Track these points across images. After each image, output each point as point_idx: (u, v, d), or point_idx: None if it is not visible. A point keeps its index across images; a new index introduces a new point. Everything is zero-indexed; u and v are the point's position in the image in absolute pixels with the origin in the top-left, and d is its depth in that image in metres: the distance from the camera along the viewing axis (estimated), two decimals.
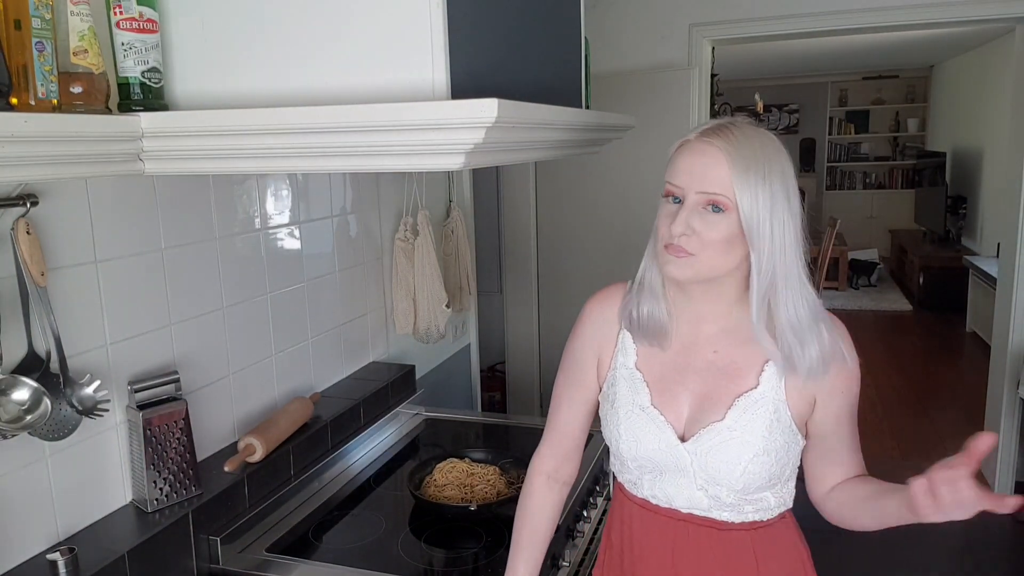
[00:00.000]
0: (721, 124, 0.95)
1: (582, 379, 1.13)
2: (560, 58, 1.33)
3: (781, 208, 0.93)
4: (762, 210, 0.91)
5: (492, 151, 0.91)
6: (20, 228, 0.98)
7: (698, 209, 0.93)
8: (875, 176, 8.69)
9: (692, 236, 0.93)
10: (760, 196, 0.91)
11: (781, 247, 0.93)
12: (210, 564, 1.26)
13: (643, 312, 1.04)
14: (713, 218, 0.93)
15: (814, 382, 0.98)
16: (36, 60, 0.82)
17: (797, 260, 0.95)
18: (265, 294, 1.54)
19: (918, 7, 2.91)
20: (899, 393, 4.46)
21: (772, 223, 0.92)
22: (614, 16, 3.29)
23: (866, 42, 5.72)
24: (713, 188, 0.92)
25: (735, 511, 1.03)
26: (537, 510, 1.15)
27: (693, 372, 1.03)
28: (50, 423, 1.02)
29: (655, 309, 1.04)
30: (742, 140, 0.93)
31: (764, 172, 0.92)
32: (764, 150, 0.93)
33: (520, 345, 3.66)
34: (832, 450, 1.04)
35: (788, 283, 0.95)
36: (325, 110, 0.88)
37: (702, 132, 0.95)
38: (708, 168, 0.92)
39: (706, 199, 0.93)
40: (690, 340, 1.04)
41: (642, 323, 1.05)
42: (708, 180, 0.92)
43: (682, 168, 0.95)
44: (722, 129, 0.94)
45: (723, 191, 0.91)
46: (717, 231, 0.93)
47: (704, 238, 0.93)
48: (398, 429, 1.86)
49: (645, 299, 1.04)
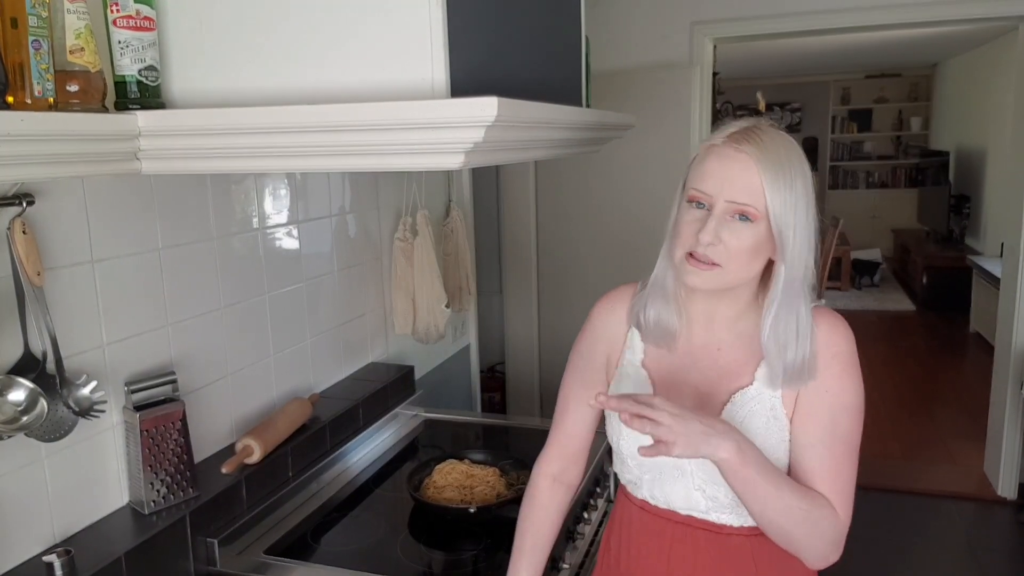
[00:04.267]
0: (748, 129, 0.93)
1: (591, 379, 1.12)
2: (560, 56, 1.32)
3: (803, 214, 0.92)
4: (789, 218, 0.91)
5: (492, 150, 0.90)
6: (16, 228, 0.97)
7: (726, 218, 0.92)
8: (878, 175, 8.67)
9: (719, 245, 0.92)
10: (788, 205, 0.91)
11: (802, 253, 0.93)
12: (208, 566, 1.25)
13: (650, 316, 1.04)
14: (739, 227, 0.91)
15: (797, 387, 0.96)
16: (32, 58, 0.82)
17: (811, 269, 0.95)
18: (263, 294, 1.54)
19: (921, 5, 2.90)
20: (902, 393, 4.45)
21: (797, 231, 0.92)
22: (615, 14, 3.28)
23: (869, 40, 5.70)
24: (744, 198, 0.90)
25: (734, 513, 1.02)
26: (541, 513, 1.15)
27: (697, 372, 1.03)
28: (46, 424, 1.02)
29: (664, 313, 1.03)
30: (770, 146, 0.91)
31: (791, 179, 0.91)
32: (789, 156, 0.92)
33: (520, 345, 3.65)
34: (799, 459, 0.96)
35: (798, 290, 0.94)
36: (323, 109, 0.87)
37: (730, 137, 0.93)
38: (738, 176, 0.91)
39: (736, 208, 0.91)
40: (699, 342, 1.04)
41: (651, 326, 1.04)
42: (739, 189, 0.91)
43: (711, 174, 0.93)
44: (751, 134, 0.92)
45: (754, 201, 0.90)
46: (744, 241, 0.91)
47: (731, 248, 0.92)
48: (397, 430, 1.85)
49: (655, 301, 1.03)
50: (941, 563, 2.75)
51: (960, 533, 2.94)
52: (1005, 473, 3.16)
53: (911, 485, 3.29)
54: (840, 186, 8.75)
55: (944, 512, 3.09)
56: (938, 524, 3.01)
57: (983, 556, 2.77)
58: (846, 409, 0.96)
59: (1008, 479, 3.16)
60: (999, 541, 2.89)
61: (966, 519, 3.04)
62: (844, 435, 0.96)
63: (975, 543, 2.86)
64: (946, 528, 2.98)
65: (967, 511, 3.09)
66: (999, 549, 2.83)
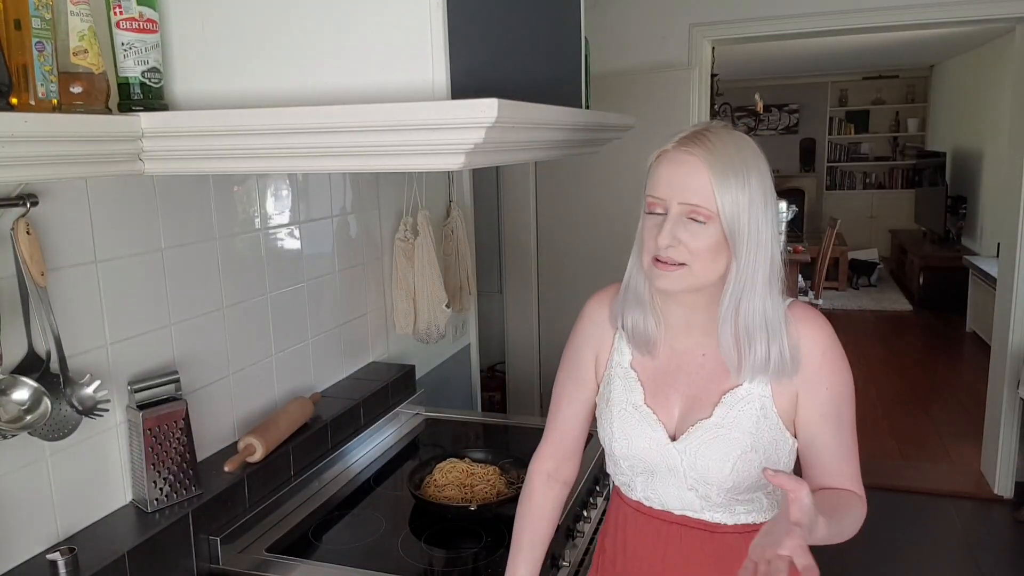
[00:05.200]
0: (697, 131, 0.95)
1: (582, 377, 1.13)
2: (560, 58, 1.33)
3: (759, 213, 0.93)
4: (742, 216, 0.92)
5: (492, 151, 0.91)
6: (20, 228, 0.98)
7: (682, 219, 0.93)
8: (875, 176, 8.68)
9: (679, 246, 0.93)
10: (740, 203, 0.92)
11: (757, 251, 0.94)
12: (210, 564, 1.26)
13: (628, 323, 1.05)
14: (696, 228, 0.93)
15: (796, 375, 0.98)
16: (36, 60, 0.82)
17: (768, 262, 0.95)
18: (265, 294, 1.54)
19: (918, 7, 2.91)
20: (899, 393, 4.46)
21: (750, 229, 0.93)
22: (614, 16, 3.29)
23: (866, 42, 5.71)
24: (694, 199, 0.92)
25: (727, 512, 1.03)
26: (537, 510, 1.15)
27: (684, 374, 1.04)
28: (50, 423, 1.02)
29: (641, 321, 1.04)
30: (719, 147, 0.92)
31: (743, 178, 0.92)
32: (741, 154, 0.93)
33: (520, 345, 3.65)
34: (817, 455, 1.00)
35: (756, 285, 0.95)
36: (325, 110, 0.88)
37: (679, 141, 0.95)
38: (688, 178, 0.92)
39: (688, 210, 0.93)
40: (681, 345, 1.05)
41: (630, 334, 1.06)
42: (689, 191, 0.92)
43: (662, 179, 0.95)
44: (699, 137, 0.94)
45: (704, 202, 0.92)
46: (702, 240, 0.93)
47: (691, 247, 0.93)
48: (398, 429, 1.86)
49: (631, 309, 1.04)
50: (938, 562, 2.76)
51: (957, 532, 2.95)
52: (1002, 472, 3.17)
53: (908, 484, 3.30)
54: (837, 187, 8.77)
55: (941, 511, 3.10)
56: (935, 523, 3.02)
57: (980, 554, 2.78)
58: (846, 398, 1.00)
59: (1005, 478, 3.17)
60: (996, 539, 2.90)
61: (963, 518, 3.05)
62: (848, 421, 1.00)
63: (972, 542, 2.87)
64: (943, 527, 2.99)
65: (964, 510, 3.10)
66: (996, 547, 2.84)
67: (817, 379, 0.99)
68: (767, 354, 0.96)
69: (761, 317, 0.95)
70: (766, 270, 0.95)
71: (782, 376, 0.97)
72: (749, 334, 0.96)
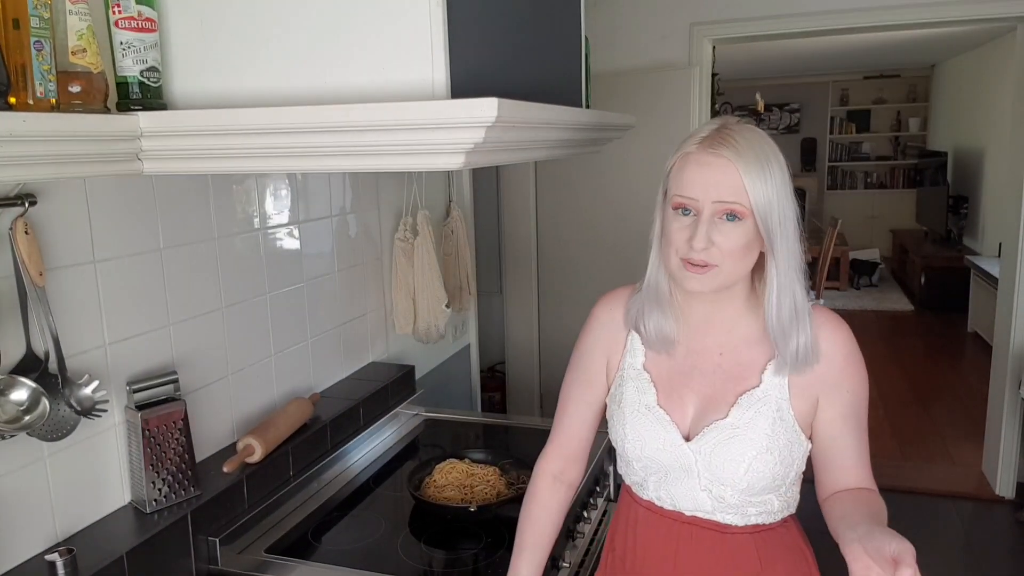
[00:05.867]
0: (719, 131, 0.95)
1: (591, 380, 1.13)
2: (560, 57, 1.33)
3: (785, 203, 0.95)
4: (774, 209, 0.93)
5: (492, 151, 0.91)
6: (18, 228, 0.98)
7: (714, 220, 0.94)
8: (876, 176, 8.67)
9: (712, 248, 0.94)
10: (770, 196, 0.93)
11: (788, 241, 0.96)
12: (209, 565, 1.25)
13: (649, 324, 1.05)
14: (728, 227, 0.94)
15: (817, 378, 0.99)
16: (34, 59, 0.82)
17: (798, 253, 0.97)
18: (264, 294, 1.54)
19: (919, 6, 2.90)
20: (900, 393, 4.46)
21: (782, 221, 0.94)
22: (614, 15, 3.29)
23: (867, 41, 5.71)
24: (729, 197, 0.93)
25: (739, 514, 1.02)
26: (542, 512, 1.15)
27: (699, 375, 1.04)
28: (48, 423, 1.02)
29: (662, 321, 1.04)
30: (744, 144, 0.93)
31: (769, 172, 0.93)
32: (764, 150, 0.95)
33: (520, 345, 3.65)
34: (837, 456, 1.02)
35: (792, 273, 0.97)
36: (324, 109, 0.87)
37: (703, 142, 0.95)
38: (721, 178, 0.93)
39: (724, 208, 0.93)
40: (699, 345, 1.05)
41: (651, 336, 1.06)
42: (723, 189, 0.93)
43: (694, 181, 0.95)
44: (723, 136, 0.94)
45: (739, 199, 0.93)
46: (735, 239, 0.94)
47: (723, 248, 0.94)
48: (398, 430, 1.85)
49: (651, 309, 1.05)
50: (940, 562, 2.75)
51: (958, 532, 2.95)
52: (1003, 472, 3.16)
53: (909, 484, 3.30)
54: (839, 187, 8.76)
55: (942, 511, 3.10)
56: (936, 523, 3.01)
57: (982, 555, 2.78)
58: (864, 400, 1.03)
59: (1006, 478, 3.16)
60: (997, 540, 2.90)
61: (964, 518, 3.04)
62: (864, 423, 1.03)
63: (974, 542, 2.87)
64: (945, 527, 2.99)
65: (965, 510, 3.10)
66: (997, 548, 2.84)
67: (839, 382, 1.00)
68: (797, 344, 0.97)
69: (793, 307, 0.97)
70: (797, 260, 0.97)
71: (806, 367, 0.99)
72: (787, 326, 0.97)
